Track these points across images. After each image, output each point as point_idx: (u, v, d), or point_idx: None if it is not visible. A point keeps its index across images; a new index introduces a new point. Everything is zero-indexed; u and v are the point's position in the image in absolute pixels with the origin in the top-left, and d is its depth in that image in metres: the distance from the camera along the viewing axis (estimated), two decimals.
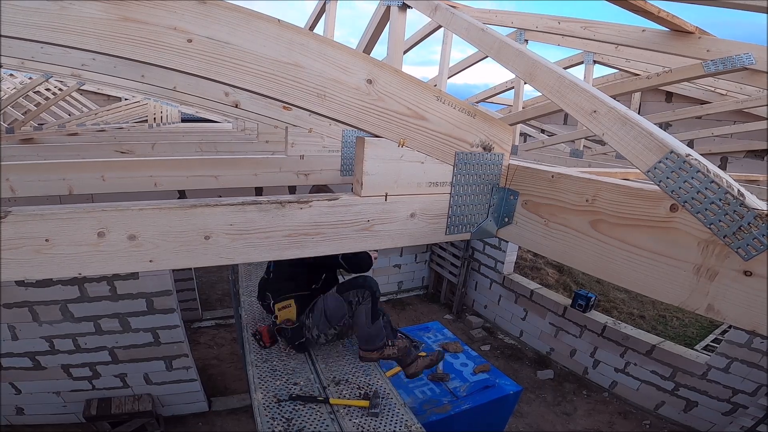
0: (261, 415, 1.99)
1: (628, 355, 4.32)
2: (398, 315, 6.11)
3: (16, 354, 3.14)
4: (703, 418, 3.84)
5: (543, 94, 0.96)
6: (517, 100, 3.51)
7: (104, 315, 3.20)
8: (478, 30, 1.43)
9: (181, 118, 8.22)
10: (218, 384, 4.20)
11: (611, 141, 0.75)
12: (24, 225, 0.65)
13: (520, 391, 3.04)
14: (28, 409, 3.37)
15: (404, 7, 1.99)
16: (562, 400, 4.43)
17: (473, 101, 4.78)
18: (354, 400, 2.09)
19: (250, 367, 2.36)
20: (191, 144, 3.38)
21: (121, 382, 3.45)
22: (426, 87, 0.87)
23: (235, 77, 0.71)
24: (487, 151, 0.98)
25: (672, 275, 0.68)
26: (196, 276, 5.35)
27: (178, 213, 0.74)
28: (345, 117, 0.81)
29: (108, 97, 7.76)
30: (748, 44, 1.76)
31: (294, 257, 0.86)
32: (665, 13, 1.70)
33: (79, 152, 2.92)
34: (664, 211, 0.68)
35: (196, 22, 0.65)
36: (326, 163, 2.10)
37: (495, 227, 1.03)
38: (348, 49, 0.78)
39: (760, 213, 0.55)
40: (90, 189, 1.80)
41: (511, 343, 5.50)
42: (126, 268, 0.73)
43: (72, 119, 6.04)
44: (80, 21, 0.59)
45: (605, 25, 2.09)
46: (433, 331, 3.69)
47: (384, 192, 0.91)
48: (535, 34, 2.84)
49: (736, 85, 3.21)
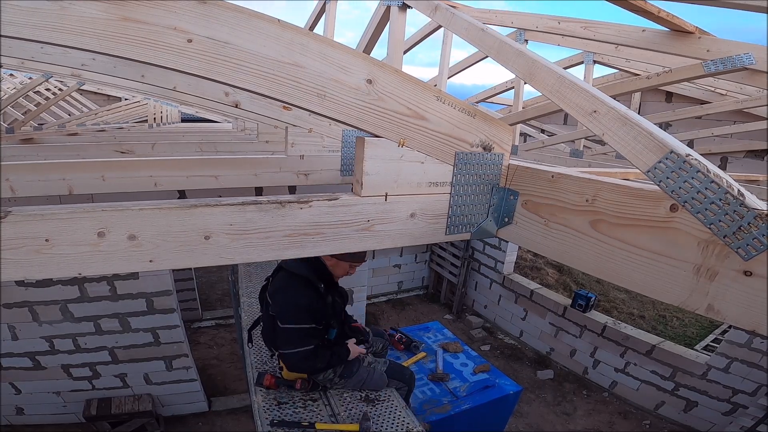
0: (261, 417, 1.99)
1: (628, 355, 4.32)
2: (398, 315, 6.11)
3: (16, 354, 3.14)
4: (703, 418, 3.84)
5: (543, 94, 0.96)
6: (517, 100, 3.51)
7: (104, 315, 3.20)
8: (478, 30, 1.43)
9: (181, 118, 8.22)
10: (218, 384, 4.20)
11: (611, 141, 0.75)
12: (24, 225, 0.65)
13: (520, 391, 3.04)
14: (28, 409, 3.37)
15: (404, 7, 1.99)
16: (562, 400, 4.43)
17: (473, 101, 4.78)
18: (342, 425, 2.00)
19: (250, 368, 2.36)
20: (191, 144, 3.37)
21: (121, 382, 3.46)
22: (426, 87, 0.87)
23: (235, 77, 0.71)
24: (487, 151, 0.98)
25: (672, 275, 0.68)
26: (196, 276, 5.35)
27: (178, 213, 0.74)
28: (345, 117, 0.81)
29: (108, 97, 7.77)
30: (748, 44, 1.76)
31: (294, 257, 0.86)
32: (665, 13, 1.71)
33: (79, 152, 2.92)
34: (664, 211, 0.68)
35: (196, 22, 0.65)
36: (326, 163, 2.10)
37: (495, 227, 1.03)
38: (348, 49, 0.78)
39: (760, 213, 0.55)
40: (90, 189, 1.80)
41: (511, 343, 5.50)
42: (126, 268, 0.73)
43: (72, 119, 6.04)
44: (80, 21, 0.59)
45: (605, 25, 2.09)
46: (433, 331, 3.69)
47: (384, 192, 0.91)
48: (535, 34, 2.84)
49: (736, 85, 3.21)
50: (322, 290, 2.05)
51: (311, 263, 2.06)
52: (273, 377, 2.19)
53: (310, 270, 2.04)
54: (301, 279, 2.02)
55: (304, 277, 2.02)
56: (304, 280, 2.01)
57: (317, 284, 2.04)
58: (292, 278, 2.04)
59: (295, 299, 1.97)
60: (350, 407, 2.13)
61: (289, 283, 2.03)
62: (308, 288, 2.01)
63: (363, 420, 2.00)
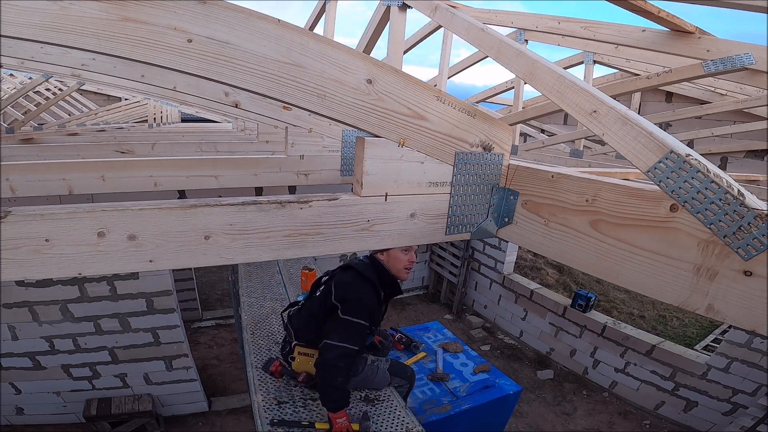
0: (261, 416, 1.99)
1: (628, 355, 4.32)
2: (398, 315, 6.11)
3: (16, 354, 3.14)
4: (703, 418, 3.84)
5: (543, 94, 0.96)
6: (517, 100, 3.51)
7: (104, 315, 3.20)
8: (478, 30, 1.43)
9: (181, 118, 8.23)
10: (218, 384, 4.20)
11: (611, 141, 0.75)
12: (24, 225, 0.65)
13: (520, 391, 3.04)
14: (28, 409, 3.37)
15: (404, 7, 1.99)
16: (562, 400, 4.43)
17: (473, 101, 4.78)
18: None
19: (250, 368, 2.36)
20: (191, 144, 3.37)
21: (121, 382, 3.46)
22: (426, 87, 0.87)
23: (235, 77, 0.71)
24: (487, 151, 0.98)
25: (672, 275, 0.68)
26: (196, 276, 5.35)
27: (177, 213, 0.74)
28: (345, 117, 0.81)
29: (108, 97, 7.77)
30: (748, 44, 1.76)
31: (294, 257, 0.86)
32: (665, 13, 1.71)
33: (79, 152, 2.92)
34: (664, 211, 0.68)
35: (196, 22, 0.65)
36: (326, 163, 2.10)
37: (495, 227, 1.03)
38: (348, 49, 0.78)
39: (760, 213, 0.55)
40: (90, 189, 1.80)
41: (511, 343, 5.50)
42: (126, 268, 0.73)
43: (72, 119, 6.04)
44: (80, 21, 0.59)
45: (605, 25, 2.09)
46: (433, 331, 3.69)
47: (384, 192, 0.91)
48: (535, 34, 2.84)
49: (736, 85, 3.21)
50: (382, 297, 2.11)
51: (377, 269, 2.11)
52: (281, 365, 2.23)
53: (376, 275, 2.09)
54: (368, 281, 2.05)
55: (371, 281, 2.05)
56: (370, 283, 2.05)
57: (380, 290, 2.09)
58: (361, 278, 2.07)
59: (361, 296, 2.01)
60: (350, 407, 2.13)
61: (358, 281, 2.06)
62: (374, 291, 2.05)
63: (363, 420, 2.00)
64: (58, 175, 1.75)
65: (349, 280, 2.08)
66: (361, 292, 2.02)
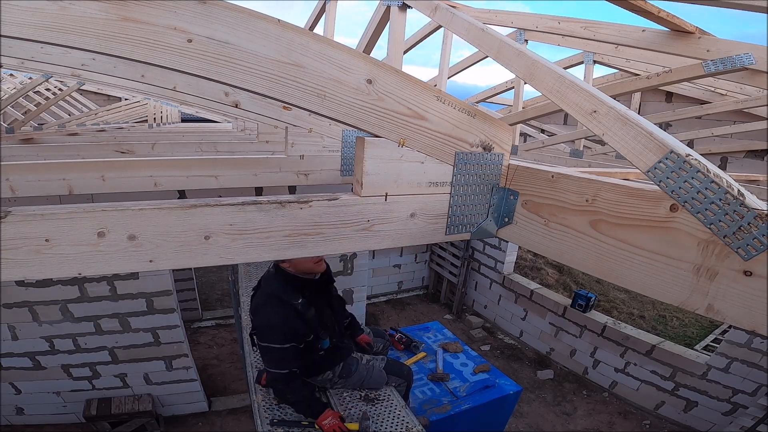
0: (261, 416, 1.99)
1: (628, 355, 4.32)
2: (398, 315, 6.11)
3: (16, 354, 3.14)
4: (703, 418, 3.84)
5: (543, 94, 0.96)
6: (517, 100, 3.51)
7: (104, 315, 3.20)
8: (478, 30, 1.43)
9: (181, 118, 8.22)
10: (218, 384, 4.20)
11: (611, 141, 0.75)
12: (24, 225, 0.65)
13: (520, 391, 3.04)
14: (28, 409, 3.37)
15: (404, 7, 1.99)
16: (562, 400, 4.43)
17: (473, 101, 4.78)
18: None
19: (250, 368, 2.36)
20: (191, 144, 3.37)
21: (121, 382, 3.46)
22: (426, 87, 0.87)
23: (235, 77, 0.70)
24: (487, 151, 0.98)
25: (672, 275, 0.68)
26: (196, 276, 5.35)
27: (177, 213, 0.74)
28: (345, 117, 0.81)
29: (108, 97, 7.76)
30: (748, 44, 1.75)
31: (294, 257, 0.86)
32: (665, 13, 1.70)
33: (79, 152, 2.91)
34: (664, 211, 0.68)
35: (196, 22, 0.65)
36: (326, 163, 2.10)
37: (495, 227, 1.03)
38: (348, 49, 0.78)
39: (760, 213, 0.55)
40: (90, 189, 1.80)
41: (511, 343, 5.50)
42: (126, 268, 0.73)
43: (72, 119, 6.04)
44: (80, 21, 0.59)
45: (605, 25, 2.09)
46: (433, 331, 3.69)
47: (384, 192, 0.91)
48: (535, 34, 2.83)
49: (736, 85, 3.20)
50: (300, 304, 1.97)
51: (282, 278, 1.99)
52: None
53: (281, 286, 1.98)
54: (274, 297, 1.96)
55: (277, 296, 1.96)
56: (276, 299, 1.96)
57: (293, 300, 1.97)
58: (264, 297, 1.99)
59: (268, 318, 1.93)
60: (350, 406, 2.13)
61: (266, 301, 1.98)
62: (282, 306, 1.94)
63: (363, 419, 2.00)
64: (58, 175, 1.75)
65: (258, 303, 2.02)
66: (268, 313, 1.93)
